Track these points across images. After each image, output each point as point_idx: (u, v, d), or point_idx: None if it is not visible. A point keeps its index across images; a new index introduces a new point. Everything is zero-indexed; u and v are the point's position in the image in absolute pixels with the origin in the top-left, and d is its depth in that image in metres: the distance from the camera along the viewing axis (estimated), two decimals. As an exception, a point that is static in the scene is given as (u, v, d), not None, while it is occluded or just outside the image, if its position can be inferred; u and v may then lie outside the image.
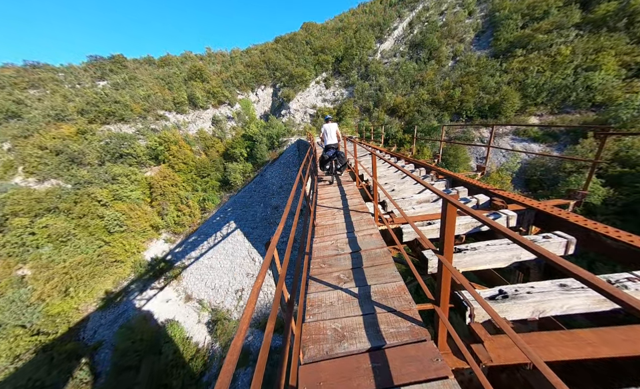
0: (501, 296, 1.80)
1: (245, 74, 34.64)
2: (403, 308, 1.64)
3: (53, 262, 14.33)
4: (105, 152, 21.42)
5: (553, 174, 15.31)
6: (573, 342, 1.44)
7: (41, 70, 32.71)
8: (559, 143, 17.08)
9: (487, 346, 1.50)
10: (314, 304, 1.85)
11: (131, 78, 32.69)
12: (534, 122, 19.28)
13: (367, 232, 3.12)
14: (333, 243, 2.95)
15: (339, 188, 5.76)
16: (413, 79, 26.70)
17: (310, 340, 1.51)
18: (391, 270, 2.14)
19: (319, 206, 4.48)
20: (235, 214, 17.26)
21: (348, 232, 3.24)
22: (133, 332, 11.94)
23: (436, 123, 21.01)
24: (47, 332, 12.60)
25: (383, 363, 1.26)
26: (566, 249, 2.51)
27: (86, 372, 11.39)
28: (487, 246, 2.54)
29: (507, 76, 21.86)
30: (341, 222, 3.60)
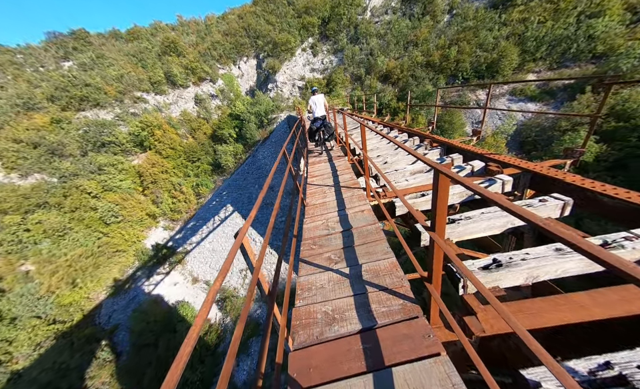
0: (495, 264, 1.77)
1: (224, 45, 31.77)
2: (395, 285, 1.62)
3: (54, 256, 14.38)
4: (86, 141, 20.28)
5: (547, 134, 15.19)
6: (566, 305, 1.44)
7: (-4, 54, 29.38)
8: (556, 101, 16.72)
9: (480, 317, 1.52)
10: (304, 287, 1.82)
11: (98, 56, 29.75)
12: (532, 79, 18.62)
13: (358, 208, 3.06)
14: (324, 222, 2.91)
15: (329, 164, 5.57)
16: (406, 39, 24.90)
17: (300, 325, 1.49)
18: (382, 246, 2.10)
19: (310, 184, 4.38)
20: (231, 197, 17.09)
21: (339, 209, 3.19)
22: (146, 314, 12.48)
23: (431, 88, 20.13)
24: (63, 320, 13.12)
25: (374, 343, 1.25)
26: (562, 211, 2.45)
27: (107, 353, 12.13)
28: (481, 214, 2.49)
29: (505, 29, 20.52)
30: (332, 199, 3.53)
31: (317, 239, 2.57)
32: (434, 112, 7.45)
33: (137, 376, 10.22)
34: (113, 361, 11.54)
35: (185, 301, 13.79)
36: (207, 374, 10.69)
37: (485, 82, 19.39)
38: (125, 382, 10.30)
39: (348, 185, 3.94)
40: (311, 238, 2.60)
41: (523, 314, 1.45)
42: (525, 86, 17.95)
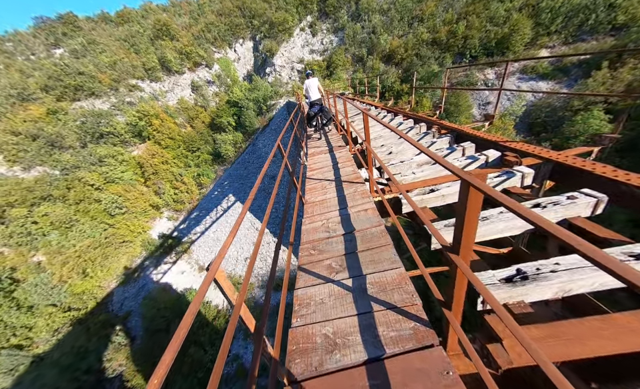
0: (520, 276, 1.56)
1: (219, 26, 30.22)
2: (405, 303, 1.46)
3: (63, 247, 14.70)
4: (84, 132, 20.01)
5: (558, 114, 14.47)
6: (610, 329, 1.19)
7: (-16, 42, 28.41)
8: (570, 78, 15.80)
9: (507, 344, 1.31)
10: (302, 302, 1.68)
11: (89, 42, 28.60)
12: (545, 55, 17.52)
13: (361, 207, 2.83)
14: (324, 224, 2.70)
15: (330, 154, 5.25)
16: (411, 15, 23.34)
17: (297, 351, 1.35)
18: (389, 254, 1.94)
19: (309, 178, 4.11)
20: (233, 188, 16.98)
21: (341, 208, 2.95)
22: (156, 301, 12.89)
23: (437, 67, 19.08)
24: (78, 307, 13.69)
25: (382, 379, 1.09)
26: (594, 209, 2.15)
27: (122, 337, 12.70)
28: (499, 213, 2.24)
29: (519, 0, 19.04)
30: (333, 196, 3.28)
31: (316, 243, 2.41)
32: (441, 94, 6.98)
33: (150, 359, 10.73)
34: (128, 345, 12.10)
35: (193, 288, 14.16)
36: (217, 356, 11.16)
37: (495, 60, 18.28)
38: (139, 363, 10.84)
39: (350, 179, 3.67)
40: (310, 242, 2.45)
41: (554, 340, 1.23)
42: (537, 63, 16.96)
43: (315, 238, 2.48)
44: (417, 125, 5.88)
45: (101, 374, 10.44)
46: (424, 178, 3.35)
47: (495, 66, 18.48)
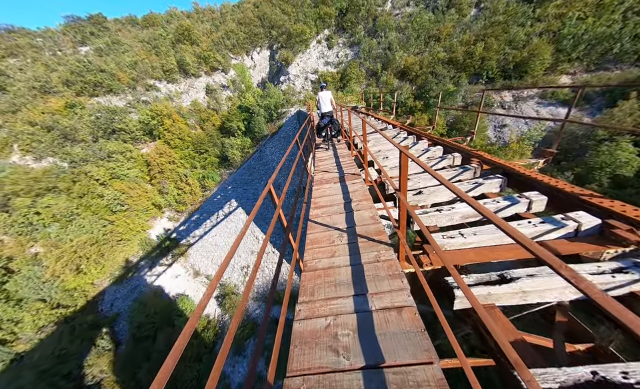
0: None
1: (238, 34, 31.13)
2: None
3: (61, 240, 14.54)
4: (97, 127, 20.38)
5: (580, 142, 13.78)
6: None
7: (17, 35, 30.03)
8: (592, 106, 15.17)
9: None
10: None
11: (114, 42, 29.85)
12: (565, 82, 17.04)
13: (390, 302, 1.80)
14: (329, 329, 1.72)
15: (340, 184, 4.31)
16: (427, 34, 23.41)
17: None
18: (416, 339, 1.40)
19: (313, 222, 3.14)
20: (236, 193, 16.73)
21: (356, 304, 1.88)
22: (146, 306, 12.41)
23: (452, 87, 18.78)
24: (67, 305, 13.29)
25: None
26: None
27: (107, 341, 12.16)
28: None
29: (539, 25, 18.83)
30: (345, 272, 2.19)
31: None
32: (476, 118, 6.26)
33: (132, 368, 10.14)
34: (112, 350, 11.55)
35: (185, 294, 13.65)
36: (204, 372, 10.49)
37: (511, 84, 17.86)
38: (120, 373, 10.25)
39: (369, 234, 2.68)
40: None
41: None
42: (557, 88, 16.46)
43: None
44: (450, 155, 4.67)
45: (81, 381, 9.88)
46: (477, 246, 2.36)
47: (512, 89, 18.07)
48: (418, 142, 5.99)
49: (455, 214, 2.95)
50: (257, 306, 13.28)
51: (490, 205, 2.92)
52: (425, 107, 19.73)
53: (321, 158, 6.37)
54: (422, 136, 6.23)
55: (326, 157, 6.35)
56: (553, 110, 16.06)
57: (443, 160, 4.78)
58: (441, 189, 3.66)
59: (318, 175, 5.11)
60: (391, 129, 8.40)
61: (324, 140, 7.21)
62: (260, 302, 13.35)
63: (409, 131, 7.32)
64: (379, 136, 6.90)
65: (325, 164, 5.82)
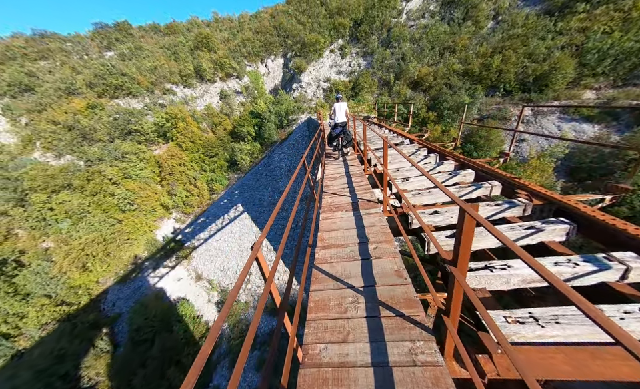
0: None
1: (254, 42, 31.96)
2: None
3: (71, 237, 14.80)
4: (114, 128, 21.11)
5: (607, 161, 12.88)
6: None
7: (49, 40, 32.14)
8: (620, 123, 14.28)
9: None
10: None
11: (136, 47, 31.32)
12: (589, 97, 16.21)
13: None
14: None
15: (354, 214, 3.70)
16: (442, 45, 23.13)
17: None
18: None
19: (318, 271, 2.59)
20: (242, 197, 16.66)
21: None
22: (146, 308, 12.27)
23: (467, 98, 18.26)
24: (71, 302, 13.37)
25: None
26: None
27: (105, 342, 12.04)
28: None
29: (561, 39, 18.18)
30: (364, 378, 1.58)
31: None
32: (512, 138, 5.41)
33: (128, 375, 9.90)
34: (110, 352, 11.41)
35: (186, 299, 13.47)
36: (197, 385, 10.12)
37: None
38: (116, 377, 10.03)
39: (397, 304, 2.06)
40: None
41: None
42: (580, 103, 15.69)
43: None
44: (486, 183, 3.93)
45: (77, 383, 9.72)
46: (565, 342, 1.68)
47: (531, 102, 17.37)
48: (442, 162, 5.11)
49: (512, 277, 2.17)
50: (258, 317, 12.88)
51: (564, 268, 2.10)
52: (438, 118, 19.24)
53: (330, 175, 5.73)
54: (446, 155, 5.29)
55: (336, 175, 5.66)
56: (576, 125, 15.24)
57: (478, 188, 3.88)
58: (483, 232, 2.76)
59: (327, 199, 4.43)
60: (408, 144, 7.52)
61: (334, 149, 7.34)
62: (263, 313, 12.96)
63: (429, 148, 6.29)
64: (394, 152, 6.18)
65: (335, 184, 5.04)
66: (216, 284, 14.56)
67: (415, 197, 4.04)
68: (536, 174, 12.51)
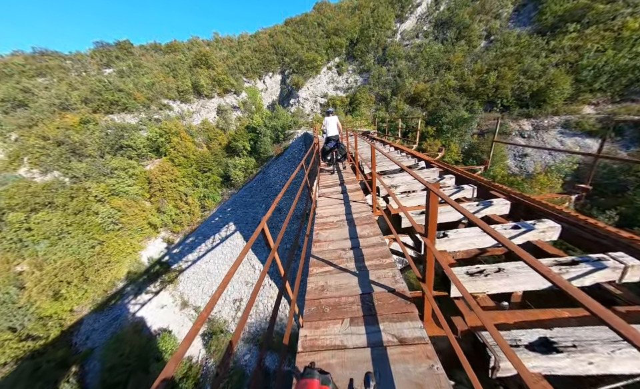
0: None
1: (252, 60, 32.50)
2: None
3: (46, 260, 13.58)
4: (105, 143, 20.48)
5: (618, 177, 12.34)
6: None
7: (49, 58, 32.42)
8: (625, 138, 13.93)
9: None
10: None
11: (135, 65, 31.61)
12: (588, 113, 16.08)
13: None
14: None
15: (349, 230, 3.41)
16: (437, 63, 23.49)
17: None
18: None
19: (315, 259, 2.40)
20: (235, 215, 15.75)
21: None
22: (122, 344, 10.89)
23: (466, 114, 18.07)
24: (38, 335, 11.90)
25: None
26: None
27: (72, 385, 10.48)
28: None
29: (555, 57, 18.41)
30: None
31: None
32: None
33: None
34: (77, 397, 9.89)
35: (169, 330, 12.09)
36: None
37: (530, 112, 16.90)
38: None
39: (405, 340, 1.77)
40: None
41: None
42: (581, 118, 15.53)
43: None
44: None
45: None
46: None
47: (531, 117, 17.20)
48: (463, 187, 4.29)
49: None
50: (247, 350, 11.54)
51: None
52: (437, 133, 18.96)
53: (325, 193, 5.24)
54: (468, 179, 4.46)
55: (332, 191, 5.24)
56: (580, 140, 14.91)
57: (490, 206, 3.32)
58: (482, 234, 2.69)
59: (321, 213, 3.95)
60: (424, 167, 6.05)
61: (329, 163, 7.23)
62: (251, 344, 11.63)
63: (444, 169, 5.25)
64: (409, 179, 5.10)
65: (329, 206, 4.38)
66: (203, 311, 13.24)
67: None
68: (545, 191, 11.89)
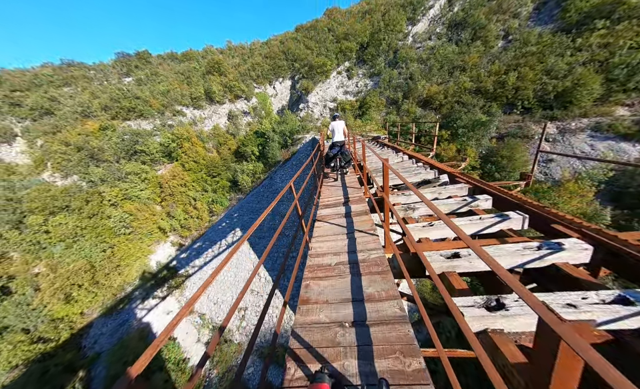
0: None
1: (263, 66, 32.97)
2: None
3: (60, 263, 13.97)
4: (121, 149, 21.22)
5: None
6: None
7: (74, 69, 34.50)
8: (670, 142, 12.54)
9: None
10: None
11: (153, 73, 32.93)
12: (622, 114, 14.74)
13: None
14: None
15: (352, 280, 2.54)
16: (451, 64, 22.61)
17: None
18: None
19: None
20: (242, 221, 15.62)
21: None
22: (127, 350, 10.83)
23: (483, 116, 17.10)
24: (49, 338, 12.13)
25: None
26: None
27: (78, 390, 10.47)
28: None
29: (582, 55, 17.11)
30: None
31: None
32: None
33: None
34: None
35: (173, 337, 11.94)
36: None
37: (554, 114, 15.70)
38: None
39: None
40: None
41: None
42: (614, 120, 14.23)
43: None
44: None
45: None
46: None
47: (556, 119, 15.99)
48: (509, 216, 3.16)
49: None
50: (250, 362, 11.13)
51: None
52: (452, 137, 18.06)
53: (325, 216, 4.30)
54: (509, 202, 3.45)
55: (333, 214, 4.30)
56: (614, 144, 13.60)
57: None
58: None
59: (316, 249, 3.17)
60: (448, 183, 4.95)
61: (332, 170, 7.01)
62: (255, 356, 11.22)
63: (474, 185, 4.10)
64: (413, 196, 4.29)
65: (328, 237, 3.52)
66: (208, 319, 13.04)
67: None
68: (575, 200, 10.81)
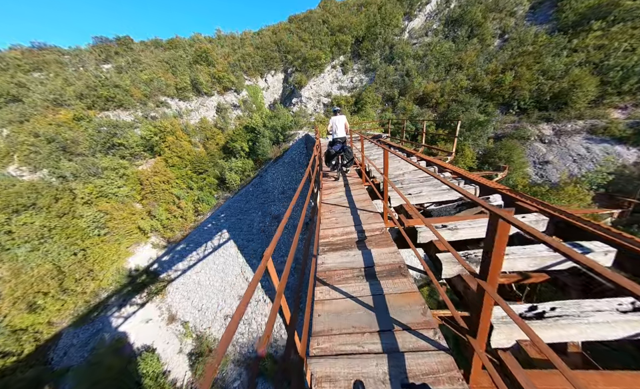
0: None
1: (254, 57, 31.41)
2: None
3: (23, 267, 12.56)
4: (96, 142, 19.52)
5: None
6: None
7: (47, 52, 31.69)
8: (664, 146, 12.53)
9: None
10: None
11: (134, 61, 30.70)
12: (617, 117, 14.75)
13: None
14: None
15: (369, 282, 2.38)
16: (448, 62, 22.18)
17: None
18: None
19: None
20: (229, 222, 14.66)
21: None
22: (98, 368, 9.78)
23: (481, 116, 16.77)
24: (10, 351, 10.85)
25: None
26: None
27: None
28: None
29: (578, 56, 17.02)
30: None
31: None
32: None
33: None
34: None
35: (153, 348, 11.00)
36: None
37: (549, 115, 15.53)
38: None
39: None
40: None
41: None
42: (609, 123, 14.25)
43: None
44: None
45: None
46: None
47: (552, 120, 15.88)
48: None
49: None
50: (236, 374, 10.38)
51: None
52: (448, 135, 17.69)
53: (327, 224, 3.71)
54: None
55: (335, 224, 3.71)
56: (608, 147, 13.56)
57: None
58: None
59: None
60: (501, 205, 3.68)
61: (332, 168, 6.59)
62: (242, 368, 10.47)
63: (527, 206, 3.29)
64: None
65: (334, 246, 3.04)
66: (191, 327, 12.12)
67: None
68: (575, 205, 10.60)
